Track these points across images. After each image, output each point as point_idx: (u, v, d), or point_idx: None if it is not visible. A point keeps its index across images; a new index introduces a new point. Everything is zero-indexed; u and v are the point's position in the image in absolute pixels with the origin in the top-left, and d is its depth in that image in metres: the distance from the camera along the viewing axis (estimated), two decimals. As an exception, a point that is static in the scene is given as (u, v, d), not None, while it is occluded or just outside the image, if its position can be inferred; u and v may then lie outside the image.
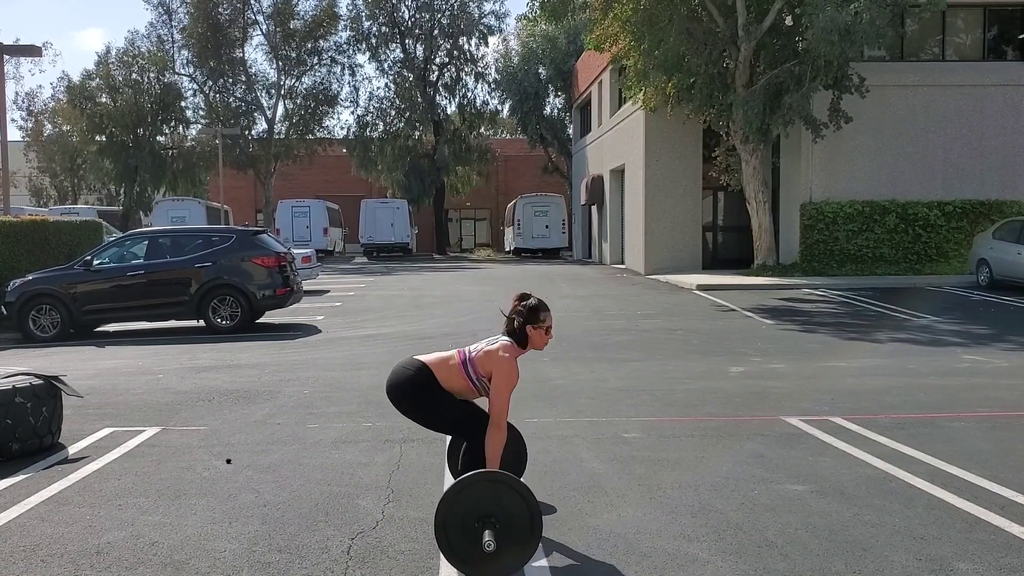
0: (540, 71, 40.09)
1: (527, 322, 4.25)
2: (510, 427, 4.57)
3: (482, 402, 4.30)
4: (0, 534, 4.52)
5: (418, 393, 4.22)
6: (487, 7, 42.76)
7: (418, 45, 42.21)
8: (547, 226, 36.54)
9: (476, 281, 22.48)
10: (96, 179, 43.88)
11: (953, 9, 20.67)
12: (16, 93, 50.30)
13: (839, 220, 19.94)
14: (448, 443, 4.92)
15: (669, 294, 17.80)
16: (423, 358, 4.31)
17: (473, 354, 4.24)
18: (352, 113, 77.98)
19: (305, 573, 3.94)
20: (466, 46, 42.11)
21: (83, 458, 5.98)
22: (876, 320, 13.19)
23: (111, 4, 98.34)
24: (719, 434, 6.34)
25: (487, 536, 3.74)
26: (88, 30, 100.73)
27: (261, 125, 41.71)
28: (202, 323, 13.32)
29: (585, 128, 34.22)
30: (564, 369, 9.21)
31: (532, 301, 4.30)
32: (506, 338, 4.27)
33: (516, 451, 4.73)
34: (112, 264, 13.40)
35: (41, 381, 6.23)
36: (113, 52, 39.39)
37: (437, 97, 42.53)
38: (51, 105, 46.49)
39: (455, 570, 3.93)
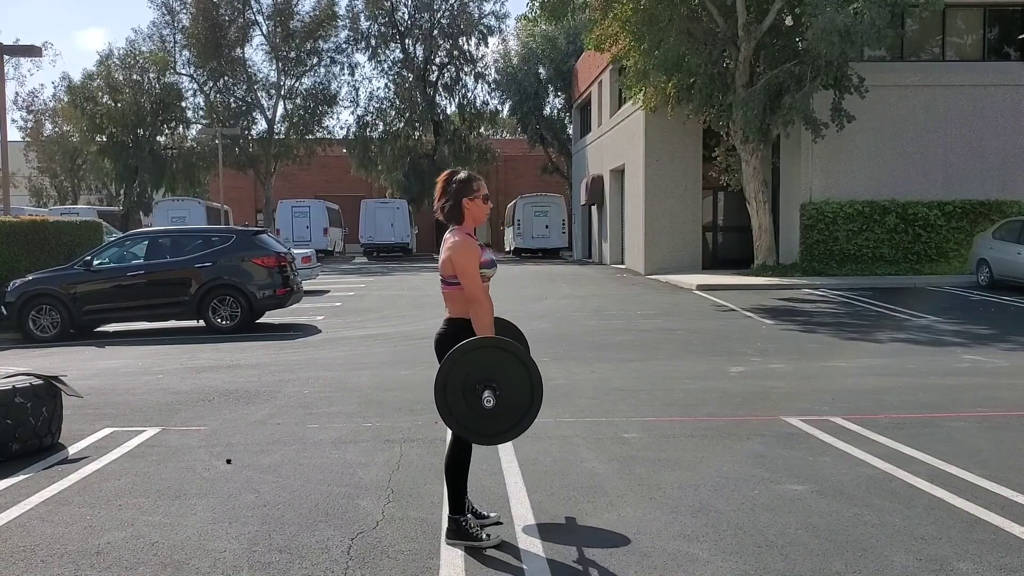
0: (540, 71, 40.10)
1: (463, 195, 4.21)
2: (509, 323, 4.61)
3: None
4: (0, 534, 4.52)
5: (448, 341, 4.17)
6: (487, 7, 42.86)
7: (418, 45, 42.23)
8: (547, 226, 36.53)
9: (476, 281, 22.43)
10: (96, 179, 43.92)
11: (953, 9, 20.67)
12: (16, 93, 50.32)
13: (839, 220, 19.94)
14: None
15: (669, 294, 17.80)
16: (450, 312, 4.29)
17: (442, 273, 4.22)
18: (352, 113, 78.12)
19: (305, 573, 3.94)
20: (466, 46, 42.17)
21: (83, 458, 5.98)
22: (876, 320, 13.18)
23: (112, 4, 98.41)
24: (719, 434, 6.34)
25: (486, 394, 3.77)
26: (89, 30, 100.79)
27: (261, 125, 41.78)
28: (202, 323, 13.32)
29: (585, 128, 34.22)
30: (564, 369, 9.21)
31: (461, 174, 4.26)
32: (448, 233, 4.22)
33: (516, 336, 4.71)
34: (112, 264, 13.40)
35: (41, 381, 6.23)
36: (116, 53, 39.45)
37: (437, 97, 42.56)
38: (51, 105, 46.52)
39: (455, 570, 3.93)
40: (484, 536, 4.18)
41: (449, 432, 4.25)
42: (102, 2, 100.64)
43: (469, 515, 4.28)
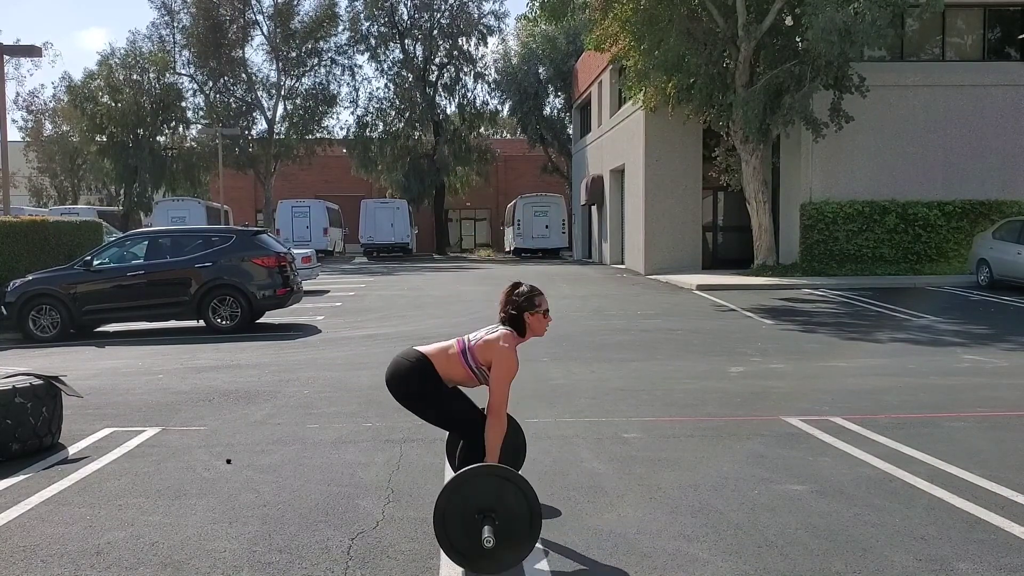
0: (540, 71, 40.09)
1: (524, 309, 4.24)
2: (509, 419, 4.56)
3: (482, 393, 4.28)
4: (0, 534, 4.52)
5: (417, 384, 4.21)
6: (487, 7, 42.85)
7: (417, 45, 42.23)
8: (547, 226, 36.53)
9: (476, 281, 22.49)
10: (96, 179, 43.91)
11: (953, 9, 20.67)
12: (16, 93, 50.32)
13: (839, 220, 19.94)
14: (447, 439, 4.91)
15: (669, 294, 17.80)
16: (423, 348, 4.31)
17: (472, 343, 4.23)
18: (352, 113, 78.04)
19: (305, 573, 3.94)
20: (466, 46, 42.15)
21: (83, 458, 5.98)
22: (876, 320, 13.19)
23: (113, 4, 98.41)
24: (719, 434, 6.34)
25: (486, 532, 3.74)
26: (90, 29, 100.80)
27: (261, 125, 41.77)
28: (202, 323, 13.32)
29: (585, 128, 34.22)
30: (564, 369, 9.21)
31: (525, 288, 4.29)
32: (505, 327, 4.25)
33: (515, 445, 4.73)
34: (112, 264, 13.40)
35: (41, 381, 6.23)
36: (118, 53, 39.43)
37: (437, 97, 42.55)
38: (51, 105, 46.52)
39: (455, 570, 3.93)
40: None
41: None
42: (102, 2, 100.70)
43: None
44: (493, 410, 4.12)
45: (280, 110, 41.52)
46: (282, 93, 41.35)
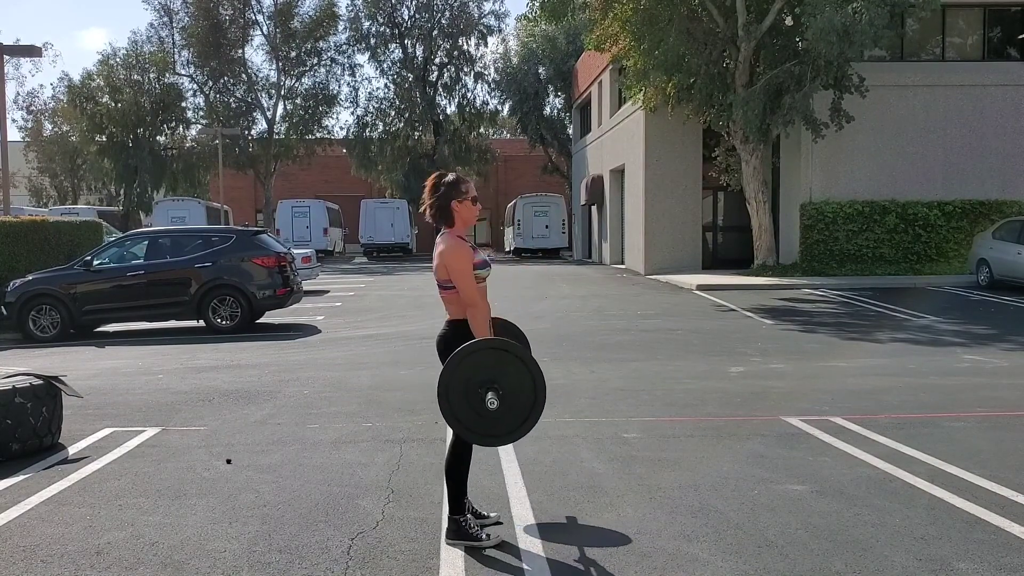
0: (540, 71, 40.10)
1: (450, 199, 4.19)
2: (509, 323, 4.62)
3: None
4: (0, 534, 4.52)
5: (450, 342, 4.18)
6: (487, 7, 42.89)
7: (418, 45, 42.24)
8: (547, 226, 36.53)
9: (476, 281, 22.43)
10: (96, 179, 43.90)
11: (953, 9, 20.68)
12: (16, 93, 50.29)
13: (839, 220, 19.94)
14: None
15: (669, 294, 17.80)
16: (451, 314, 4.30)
17: (437, 277, 4.23)
18: (352, 113, 78.08)
19: (305, 573, 3.94)
20: (466, 46, 42.18)
21: (83, 458, 5.98)
22: (876, 320, 13.18)
23: (114, 4, 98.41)
24: (719, 434, 6.34)
25: (490, 395, 3.79)
26: (90, 29, 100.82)
27: (261, 125, 41.79)
28: (202, 323, 13.32)
29: (585, 128, 34.22)
30: (564, 369, 9.21)
31: (449, 177, 4.24)
32: (439, 237, 4.23)
33: (517, 336, 4.71)
34: (112, 264, 13.40)
35: (41, 381, 6.23)
36: (119, 54, 39.44)
37: (437, 97, 42.57)
38: (51, 105, 46.51)
39: (456, 570, 3.93)
40: (484, 536, 4.18)
41: (449, 432, 4.25)
42: (103, 2, 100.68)
43: (469, 515, 4.28)
44: (468, 303, 4.09)
45: (280, 110, 41.58)
46: (282, 93, 41.36)
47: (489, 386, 3.88)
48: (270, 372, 9.48)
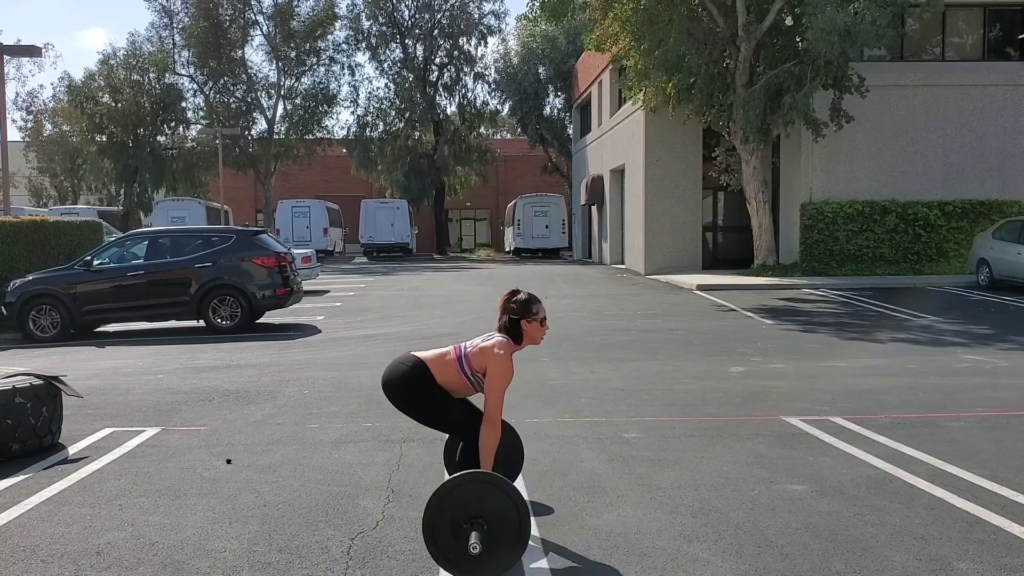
0: (540, 71, 40.09)
1: (521, 317, 4.23)
2: (505, 425, 4.55)
3: (479, 400, 4.29)
4: (0, 534, 4.52)
5: (414, 389, 4.20)
6: (487, 7, 42.77)
7: (418, 45, 42.23)
8: (547, 226, 36.54)
9: (476, 281, 22.48)
10: (96, 179, 43.90)
11: (953, 9, 20.67)
12: (16, 93, 50.32)
13: (839, 220, 19.94)
14: (446, 442, 4.91)
15: (669, 294, 17.80)
16: (419, 354, 4.30)
17: (468, 350, 4.23)
18: (352, 113, 78.15)
19: (305, 573, 3.94)
20: (466, 46, 42.16)
21: (83, 458, 5.98)
22: (876, 320, 13.18)
23: (115, 4, 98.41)
24: (719, 434, 6.34)
25: (473, 539, 3.73)
26: (91, 29, 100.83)
27: (261, 125, 41.77)
28: (202, 323, 13.32)
29: (585, 128, 34.22)
30: (564, 369, 9.21)
31: (523, 295, 4.28)
32: (501, 335, 4.25)
33: (507, 449, 4.68)
34: (112, 264, 13.40)
35: (41, 381, 6.23)
36: (120, 54, 39.44)
37: (437, 97, 42.55)
38: (51, 105, 46.51)
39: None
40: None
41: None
42: (103, 2, 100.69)
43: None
44: (488, 417, 4.12)
45: (280, 110, 41.56)
46: (282, 93, 41.35)
47: (474, 523, 3.79)
48: (270, 372, 9.48)
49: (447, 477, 4.09)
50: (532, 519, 4.01)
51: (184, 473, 5.56)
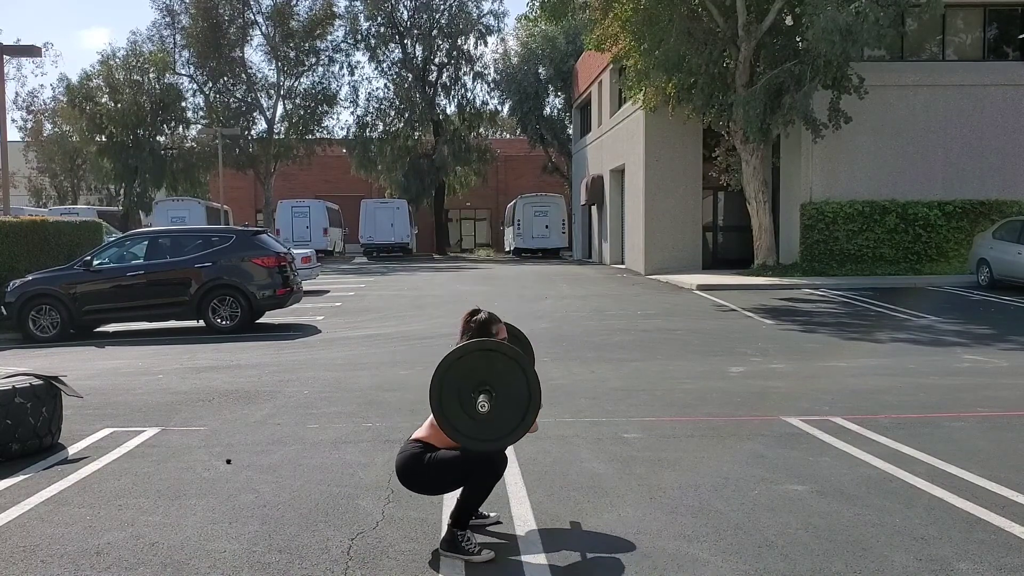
0: (540, 71, 40.09)
1: (481, 335, 4.23)
2: (516, 329, 4.63)
3: None
4: (0, 534, 4.52)
5: (424, 471, 4.18)
6: (486, 7, 42.79)
7: (417, 45, 42.21)
8: (547, 226, 36.53)
9: (476, 281, 22.49)
10: (96, 179, 43.89)
11: (953, 9, 20.67)
12: (16, 93, 50.29)
13: (839, 220, 19.94)
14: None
15: (669, 294, 17.80)
16: (416, 434, 4.29)
17: None
18: (352, 113, 78.17)
19: (305, 573, 3.94)
20: (465, 46, 42.14)
21: (83, 458, 5.98)
22: (876, 320, 13.18)
23: (115, 4, 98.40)
24: (719, 434, 6.34)
25: (481, 398, 3.76)
26: (92, 29, 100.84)
27: (261, 125, 41.76)
28: (202, 323, 13.32)
29: (585, 128, 34.22)
30: (564, 369, 9.21)
31: (482, 316, 4.30)
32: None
33: (524, 346, 4.68)
34: (112, 264, 13.40)
35: (41, 381, 6.23)
36: (118, 54, 39.44)
37: (436, 97, 42.54)
38: (51, 105, 46.50)
39: (456, 571, 3.93)
40: (477, 552, 4.09)
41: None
42: (105, 2, 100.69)
43: (469, 531, 4.18)
44: None
45: (280, 110, 41.56)
46: (281, 93, 41.36)
47: (481, 390, 3.85)
48: (270, 372, 9.48)
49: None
50: (541, 393, 4.01)
51: (184, 473, 5.56)
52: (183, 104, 40.83)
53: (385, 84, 43.56)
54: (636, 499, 4.88)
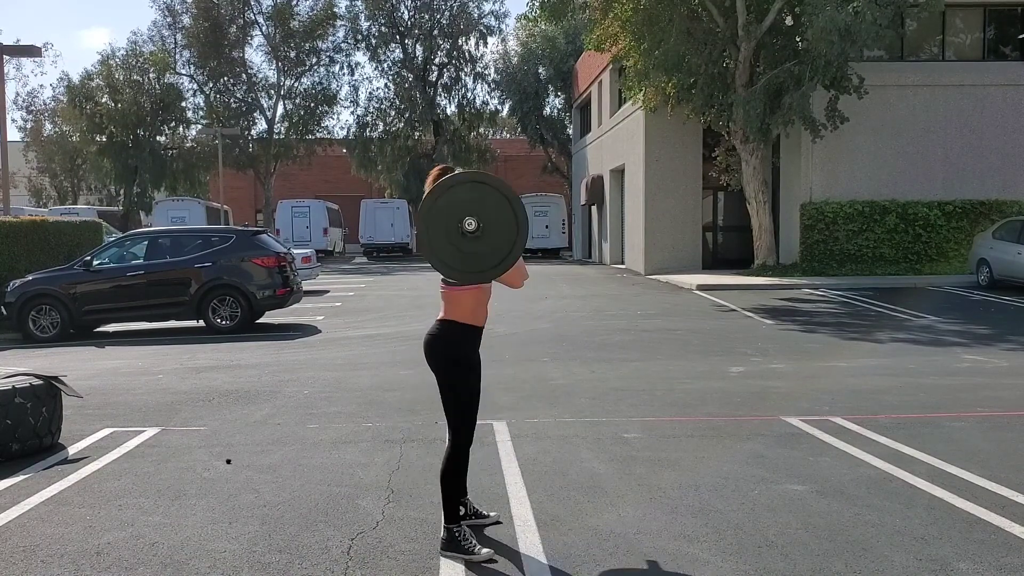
0: (540, 71, 40.11)
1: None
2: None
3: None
4: (0, 534, 4.52)
5: (438, 344, 4.22)
6: (486, 7, 42.84)
7: (417, 45, 42.22)
8: (547, 226, 36.54)
9: (476, 281, 22.44)
10: (96, 179, 43.89)
11: (953, 9, 20.67)
12: (16, 93, 50.27)
13: (839, 220, 19.94)
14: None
15: (669, 294, 17.79)
16: (440, 314, 4.31)
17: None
18: (352, 113, 78.19)
19: (305, 573, 3.94)
20: (465, 46, 42.16)
21: (83, 458, 5.98)
22: (876, 320, 13.18)
23: (116, 4, 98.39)
24: (719, 434, 6.34)
25: (468, 219, 3.75)
26: (92, 29, 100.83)
27: (261, 125, 41.76)
28: (202, 323, 13.31)
29: (585, 128, 34.23)
30: (564, 369, 9.21)
31: (455, 170, 4.23)
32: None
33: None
34: (112, 264, 13.40)
35: (41, 381, 6.23)
36: (119, 54, 39.44)
37: (437, 97, 42.55)
38: (51, 105, 46.50)
39: (456, 571, 3.93)
40: (477, 549, 4.09)
41: (447, 436, 4.24)
42: (105, 1, 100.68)
43: (463, 525, 4.19)
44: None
45: (280, 110, 41.56)
46: (282, 93, 41.35)
47: (469, 214, 3.81)
48: (270, 372, 9.48)
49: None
50: (528, 226, 3.97)
51: (184, 473, 5.56)
52: (183, 104, 40.84)
53: (385, 84, 43.63)
54: (636, 499, 4.88)
